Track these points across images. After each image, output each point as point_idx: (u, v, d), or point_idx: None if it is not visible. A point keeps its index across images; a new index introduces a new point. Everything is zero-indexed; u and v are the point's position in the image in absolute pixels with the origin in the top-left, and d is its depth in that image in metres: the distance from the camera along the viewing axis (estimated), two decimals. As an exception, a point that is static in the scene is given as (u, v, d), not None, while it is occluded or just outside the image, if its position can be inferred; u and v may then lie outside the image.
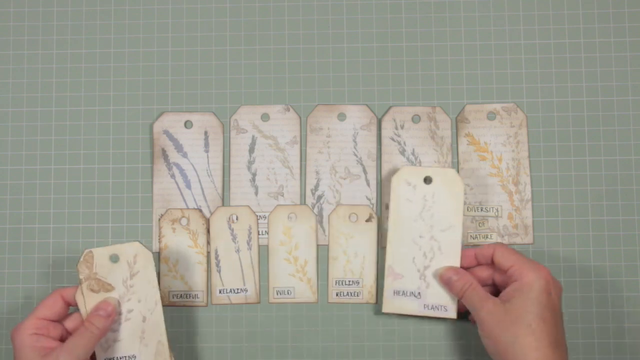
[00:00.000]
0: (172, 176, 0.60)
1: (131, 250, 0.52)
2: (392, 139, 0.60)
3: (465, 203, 0.59)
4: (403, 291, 0.55)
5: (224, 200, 0.59)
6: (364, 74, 0.60)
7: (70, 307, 0.52)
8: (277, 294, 0.58)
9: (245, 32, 0.61)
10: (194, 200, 0.59)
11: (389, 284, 0.56)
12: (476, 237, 0.59)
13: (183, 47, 0.61)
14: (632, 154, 0.59)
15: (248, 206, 0.59)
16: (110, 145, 0.60)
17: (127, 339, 0.52)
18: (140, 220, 0.59)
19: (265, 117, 0.60)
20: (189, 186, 0.60)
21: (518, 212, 0.59)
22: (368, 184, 0.59)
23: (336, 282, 0.58)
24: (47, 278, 0.59)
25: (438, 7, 0.61)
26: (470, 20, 0.61)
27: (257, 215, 0.59)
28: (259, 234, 0.59)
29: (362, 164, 0.60)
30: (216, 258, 0.59)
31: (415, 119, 0.60)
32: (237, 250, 0.59)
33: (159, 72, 0.61)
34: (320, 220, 0.59)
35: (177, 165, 0.60)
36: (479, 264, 0.55)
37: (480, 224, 0.59)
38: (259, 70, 0.61)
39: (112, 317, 0.51)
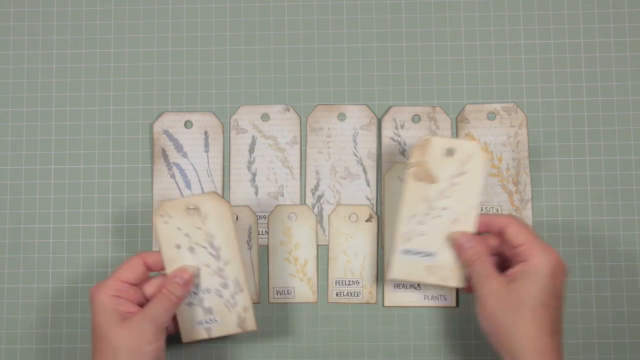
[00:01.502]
0: (172, 176, 0.60)
1: (469, 149, 0.51)
2: (392, 139, 0.60)
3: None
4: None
5: (224, 200, 0.59)
6: (364, 74, 0.60)
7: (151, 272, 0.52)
8: (277, 294, 0.58)
9: (245, 32, 0.61)
10: (194, 200, 0.59)
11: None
12: (476, 237, 0.59)
13: (183, 47, 0.61)
14: (632, 154, 0.59)
15: (248, 206, 0.59)
16: (110, 145, 0.60)
17: (433, 236, 0.51)
18: (140, 220, 0.59)
19: (265, 117, 0.60)
20: (189, 186, 0.60)
21: (518, 212, 0.59)
22: (368, 184, 0.59)
23: (336, 282, 0.58)
24: (47, 278, 0.59)
25: (438, 7, 0.61)
26: (470, 20, 0.61)
27: (257, 215, 0.59)
28: (259, 234, 0.59)
29: (362, 164, 0.60)
30: (216, 258, 0.59)
31: (415, 119, 0.60)
32: (237, 250, 0.59)
33: (159, 72, 0.61)
34: (320, 220, 0.59)
35: (177, 165, 0.60)
36: (488, 231, 0.52)
37: (480, 224, 0.59)
38: (259, 70, 0.61)
39: (188, 286, 0.50)
